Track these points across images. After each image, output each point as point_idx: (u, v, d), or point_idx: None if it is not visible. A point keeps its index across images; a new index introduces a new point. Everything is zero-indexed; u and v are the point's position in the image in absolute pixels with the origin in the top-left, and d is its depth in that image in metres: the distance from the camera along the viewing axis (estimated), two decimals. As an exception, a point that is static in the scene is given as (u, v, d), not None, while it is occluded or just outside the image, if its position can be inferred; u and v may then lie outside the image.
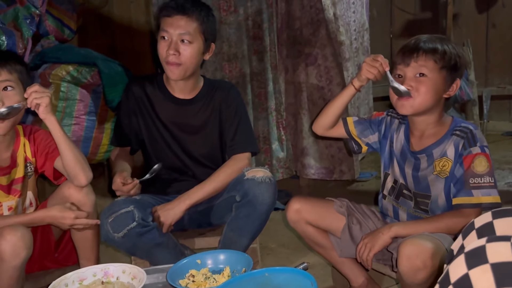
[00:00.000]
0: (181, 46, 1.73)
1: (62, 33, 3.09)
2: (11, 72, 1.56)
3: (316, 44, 2.73)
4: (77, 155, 1.60)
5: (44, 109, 1.52)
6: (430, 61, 1.46)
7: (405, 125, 1.61)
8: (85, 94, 2.70)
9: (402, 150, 1.59)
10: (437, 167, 1.50)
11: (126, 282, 1.31)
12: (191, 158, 1.86)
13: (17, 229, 1.40)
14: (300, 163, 2.89)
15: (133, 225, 1.59)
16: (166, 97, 1.86)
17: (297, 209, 1.65)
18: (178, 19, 1.73)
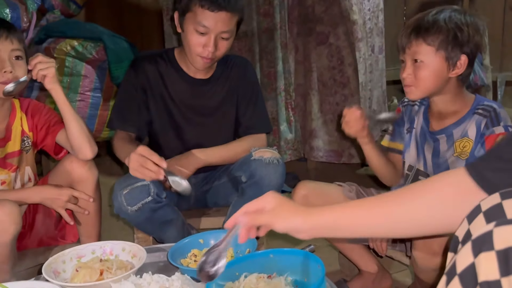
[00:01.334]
0: (219, 42, 1.60)
1: (68, 8, 3.03)
2: (20, 42, 1.53)
3: (328, 23, 2.64)
4: (83, 126, 1.57)
5: (51, 80, 1.49)
6: (422, 45, 1.36)
7: (425, 106, 1.53)
8: (90, 70, 2.65)
9: (422, 131, 1.51)
10: (458, 148, 1.42)
11: (125, 260, 1.27)
12: (203, 145, 1.74)
13: (3, 204, 1.35)
14: (308, 145, 2.83)
15: (148, 199, 1.54)
16: (181, 76, 1.73)
17: (304, 195, 1.57)
18: (222, 16, 1.56)
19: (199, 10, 1.55)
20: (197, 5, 1.55)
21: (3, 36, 1.48)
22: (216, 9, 1.54)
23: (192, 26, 1.57)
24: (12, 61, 1.50)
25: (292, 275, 1.13)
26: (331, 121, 2.78)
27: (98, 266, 1.19)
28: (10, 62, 1.48)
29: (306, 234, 0.92)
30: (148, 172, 1.46)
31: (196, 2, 1.55)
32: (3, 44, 1.48)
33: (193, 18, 1.57)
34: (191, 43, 1.60)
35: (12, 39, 1.50)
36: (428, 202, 0.84)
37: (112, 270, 1.18)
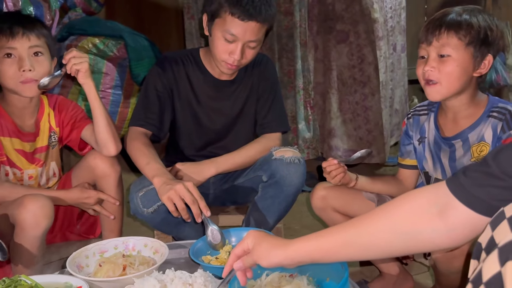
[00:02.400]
0: (246, 51, 1.57)
1: (89, 6, 3.06)
2: (39, 37, 1.53)
3: (348, 21, 2.62)
4: (110, 123, 1.59)
5: (84, 74, 1.51)
6: (453, 39, 1.32)
7: (434, 112, 1.49)
8: (111, 68, 2.67)
9: (435, 140, 1.47)
10: (475, 153, 1.38)
11: (147, 256, 1.28)
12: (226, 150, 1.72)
13: (38, 199, 1.38)
14: (327, 144, 2.82)
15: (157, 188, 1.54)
16: (206, 77, 1.72)
17: (323, 196, 1.56)
18: (252, 26, 1.52)
19: (228, 17, 1.52)
20: (227, 12, 1.52)
21: (19, 34, 1.48)
22: (246, 18, 1.51)
23: (220, 33, 1.55)
24: (32, 58, 1.50)
25: (314, 275, 1.12)
26: (350, 120, 2.76)
27: (121, 262, 1.20)
28: (29, 60, 1.49)
29: (292, 265, 0.93)
30: (185, 214, 1.41)
31: (226, 9, 1.52)
32: (20, 42, 1.48)
33: (222, 25, 1.54)
34: (217, 49, 1.58)
35: (29, 36, 1.50)
36: (393, 222, 0.82)
37: (135, 265, 1.19)
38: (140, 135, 1.64)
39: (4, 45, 1.48)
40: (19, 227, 1.38)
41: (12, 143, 1.57)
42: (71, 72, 1.49)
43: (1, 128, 1.55)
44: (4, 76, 1.50)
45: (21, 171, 1.60)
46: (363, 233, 0.85)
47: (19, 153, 1.59)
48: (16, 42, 1.48)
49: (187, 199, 1.38)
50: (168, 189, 1.41)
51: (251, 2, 1.50)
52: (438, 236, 0.78)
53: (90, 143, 1.66)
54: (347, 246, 0.86)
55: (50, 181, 1.69)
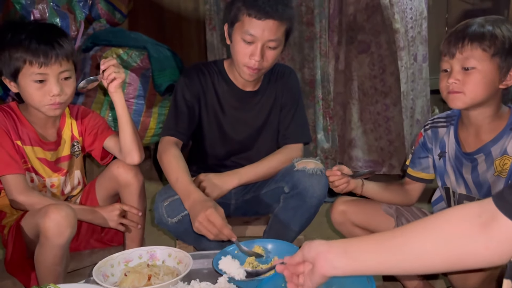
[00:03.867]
0: (266, 52, 1.58)
1: (113, 17, 3.12)
2: (69, 59, 1.55)
3: (370, 31, 2.62)
4: (135, 132, 1.62)
5: (118, 84, 1.53)
6: (477, 50, 1.28)
7: (454, 126, 1.45)
8: (135, 78, 2.71)
9: (456, 155, 1.43)
10: (498, 167, 1.33)
11: (172, 266, 1.28)
12: (249, 160, 1.73)
13: (61, 208, 1.40)
14: (347, 154, 2.80)
15: (188, 212, 1.56)
16: (231, 88, 1.73)
17: (342, 210, 1.55)
18: (270, 24, 1.54)
19: (246, 19, 1.55)
20: (245, 14, 1.55)
21: (52, 60, 1.49)
22: (263, 17, 1.53)
23: (239, 36, 1.58)
24: (61, 82, 1.53)
25: (338, 288, 1.11)
26: (371, 130, 2.75)
27: (146, 271, 1.21)
28: (59, 85, 1.51)
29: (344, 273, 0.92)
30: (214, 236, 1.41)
31: (244, 11, 1.56)
32: (51, 68, 1.49)
33: (240, 28, 1.57)
34: (238, 53, 1.60)
35: (61, 61, 1.51)
36: (435, 238, 0.80)
37: (160, 275, 1.20)
38: (171, 146, 1.65)
39: (35, 71, 1.48)
40: (43, 236, 1.40)
41: (34, 152, 1.60)
42: (108, 78, 1.51)
43: (23, 137, 1.58)
44: (31, 98, 1.52)
45: (44, 179, 1.63)
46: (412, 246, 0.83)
47: (42, 161, 1.62)
48: (48, 69, 1.49)
49: (212, 231, 1.39)
50: (193, 220, 1.43)
51: (267, 1, 1.53)
52: (478, 247, 0.76)
53: (114, 153, 1.68)
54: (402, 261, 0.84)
55: (74, 189, 1.72)
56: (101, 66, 1.51)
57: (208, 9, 2.89)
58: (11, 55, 1.49)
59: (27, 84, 1.50)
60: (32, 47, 1.48)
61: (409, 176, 1.58)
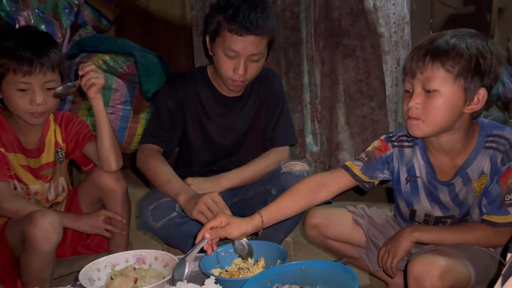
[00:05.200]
0: (249, 65, 1.59)
1: (100, 23, 3.12)
2: (54, 70, 1.54)
3: (354, 36, 2.65)
4: (114, 139, 1.61)
5: (97, 89, 1.52)
6: (439, 71, 1.17)
7: (419, 146, 1.36)
8: (121, 84, 2.71)
9: (430, 181, 1.35)
10: (477, 188, 1.29)
11: (158, 269, 1.28)
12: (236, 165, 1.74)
13: (47, 214, 1.40)
14: (334, 158, 2.82)
15: (173, 215, 1.57)
16: (215, 95, 1.74)
17: (314, 225, 1.53)
18: (251, 40, 1.54)
19: (227, 35, 1.55)
20: (226, 30, 1.55)
21: (36, 70, 1.48)
22: (245, 33, 1.53)
23: (222, 51, 1.58)
24: (45, 91, 1.52)
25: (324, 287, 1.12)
26: (358, 134, 2.77)
27: (133, 274, 1.21)
28: (42, 93, 1.50)
29: None
30: None
31: (224, 27, 1.55)
32: (35, 78, 1.48)
33: (222, 43, 1.57)
34: (222, 67, 1.61)
35: (46, 72, 1.50)
36: None
37: (146, 278, 1.20)
38: (154, 152, 1.66)
39: (19, 80, 1.48)
40: (28, 243, 1.39)
41: (17, 159, 1.59)
42: (86, 84, 1.50)
43: (6, 144, 1.57)
44: (14, 106, 1.52)
45: (27, 186, 1.61)
46: None
47: (25, 168, 1.61)
48: (32, 78, 1.48)
49: (214, 209, 1.44)
50: (194, 204, 1.45)
51: (247, 16, 1.52)
52: None
53: (93, 159, 1.67)
54: None
55: (59, 196, 1.71)
56: (79, 72, 1.51)
57: (195, 15, 2.90)
58: None
59: (10, 92, 1.50)
60: (17, 55, 1.47)
61: (348, 170, 1.44)
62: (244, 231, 1.31)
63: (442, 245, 1.30)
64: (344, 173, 1.44)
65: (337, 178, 1.44)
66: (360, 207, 1.58)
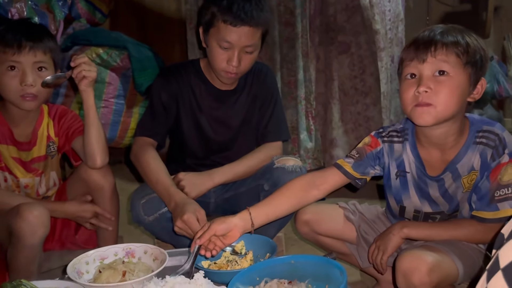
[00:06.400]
0: (243, 57, 1.58)
1: (94, 17, 3.10)
2: (46, 52, 1.53)
3: (350, 32, 2.64)
4: (102, 135, 1.58)
5: (88, 82, 1.50)
6: (452, 55, 1.19)
7: (409, 141, 1.36)
8: (115, 77, 2.70)
9: (419, 176, 1.35)
10: (466, 184, 1.29)
11: (147, 263, 1.28)
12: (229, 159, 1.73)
13: (34, 208, 1.38)
14: (328, 154, 2.82)
15: (165, 209, 1.56)
16: (208, 88, 1.73)
17: (305, 221, 1.52)
18: (245, 31, 1.53)
19: (222, 25, 1.54)
20: (220, 20, 1.54)
21: (26, 49, 1.48)
22: (239, 24, 1.53)
23: (215, 42, 1.57)
24: (35, 72, 1.51)
25: (313, 282, 1.12)
26: (352, 130, 2.77)
27: (121, 268, 1.20)
28: (32, 75, 1.49)
29: None
30: None
31: (219, 17, 1.55)
32: (25, 56, 1.48)
33: (216, 34, 1.57)
34: (215, 58, 1.60)
35: (36, 51, 1.49)
36: None
37: (135, 272, 1.19)
38: (148, 147, 1.65)
39: (9, 58, 1.48)
40: (15, 236, 1.38)
41: (9, 151, 1.57)
42: (77, 76, 1.48)
43: None
44: (5, 88, 1.51)
45: (18, 179, 1.60)
46: None
47: (16, 161, 1.59)
48: (21, 56, 1.48)
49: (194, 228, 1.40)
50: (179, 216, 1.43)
51: (242, 7, 1.52)
52: None
53: (79, 154, 1.65)
54: None
55: (50, 190, 1.69)
56: (71, 63, 1.49)
57: (189, 9, 2.89)
58: None
59: (1, 72, 1.49)
60: (8, 37, 1.48)
61: (340, 168, 1.43)
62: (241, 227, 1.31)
63: (431, 241, 1.29)
64: (336, 171, 1.43)
65: (329, 176, 1.44)
66: (351, 203, 1.57)
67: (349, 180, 1.45)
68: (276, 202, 1.40)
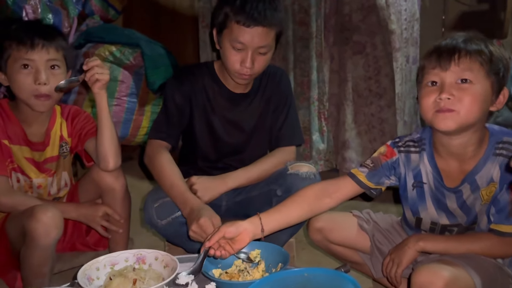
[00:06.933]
0: (256, 58, 1.56)
1: (107, 13, 3.09)
2: (58, 50, 1.54)
3: (365, 32, 2.60)
4: (115, 137, 1.58)
5: (102, 85, 1.50)
6: (475, 64, 1.19)
7: (427, 151, 1.34)
8: (127, 75, 2.69)
9: (436, 187, 1.33)
10: (485, 196, 1.27)
11: (158, 270, 1.27)
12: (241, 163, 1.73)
13: (48, 209, 1.39)
14: (340, 156, 2.79)
15: (178, 214, 1.56)
16: (222, 90, 1.72)
17: (318, 229, 1.51)
18: (259, 31, 1.52)
19: (235, 26, 1.53)
20: (233, 21, 1.53)
21: (38, 46, 1.49)
22: (252, 24, 1.51)
23: (229, 43, 1.56)
24: (48, 71, 1.51)
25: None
26: (365, 132, 2.73)
27: (132, 275, 1.19)
28: (45, 73, 1.50)
29: None
30: None
31: (231, 18, 1.53)
32: (38, 54, 1.49)
33: (229, 35, 1.55)
34: (228, 60, 1.58)
35: (49, 49, 1.51)
36: None
37: (145, 280, 1.18)
38: (162, 150, 1.64)
39: (22, 56, 1.49)
40: (29, 237, 1.39)
41: (21, 151, 1.58)
42: (90, 80, 1.49)
43: (11, 135, 1.56)
44: (19, 87, 1.51)
45: (30, 180, 1.60)
46: None
47: (29, 161, 1.59)
48: (35, 54, 1.49)
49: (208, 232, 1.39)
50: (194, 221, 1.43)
51: (255, 7, 1.50)
52: None
53: (92, 156, 1.65)
54: None
55: (61, 191, 1.70)
56: (84, 67, 1.49)
57: (202, 6, 2.86)
58: (1, 44, 1.51)
59: (15, 71, 1.50)
60: (21, 35, 1.50)
61: (353, 176, 1.41)
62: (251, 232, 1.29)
63: (447, 255, 1.27)
64: (349, 180, 1.42)
65: (342, 185, 1.42)
66: (365, 212, 1.55)
67: (362, 190, 1.42)
68: (288, 209, 1.39)
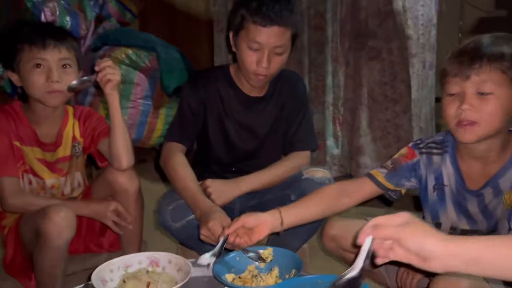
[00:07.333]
0: (273, 58, 1.57)
1: (124, 16, 3.13)
2: (69, 50, 1.56)
3: (381, 37, 2.59)
4: (127, 137, 1.59)
5: (113, 86, 1.52)
6: (496, 72, 1.14)
7: (450, 155, 1.32)
8: (143, 78, 2.71)
9: (458, 190, 1.30)
10: (508, 201, 1.23)
11: (171, 273, 1.26)
12: (254, 167, 1.72)
13: (61, 209, 1.39)
14: (355, 161, 2.77)
15: (192, 217, 1.56)
16: (237, 94, 1.72)
17: (332, 236, 1.47)
18: (275, 31, 1.53)
19: (251, 26, 1.54)
20: (249, 21, 1.54)
21: (50, 46, 1.51)
22: (268, 23, 1.52)
23: (245, 44, 1.56)
24: (60, 70, 1.53)
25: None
26: (380, 138, 2.71)
27: (145, 279, 1.19)
28: (57, 72, 1.52)
29: (439, 261, 0.78)
30: None
31: (248, 19, 1.54)
32: (50, 53, 1.51)
33: (246, 36, 1.56)
34: (245, 61, 1.58)
35: (60, 48, 1.53)
36: None
37: (159, 284, 1.18)
38: (176, 153, 1.65)
39: (35, 56, 1.51)
40: (42, 237, 1.39)
41: (33, 152, 1.59)
42: (102, 80, 1.50)
43: (23, 137, 1.57)
44: (32, 86, 1.53)
45: (43, 180, 1.61)
46: None
47: (41, 162, 1.60)
48: (47, 53, 1.51)
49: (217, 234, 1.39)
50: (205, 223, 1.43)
51: (272, 7, 1.52)
52: None
53: (106, 156, 1.65)
54: None
55: (75, 191, 1.70)
56: (96, 68, 1.51)
57: (217, 11, 2.88)
58: (14, 46, 1.53)
59: (28, 70, 1.52)
60: (32, 37, 1.52)
61: (372, 178, 1.39)
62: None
63: None
64: (368, 181, 1.40)
65: (360, 185, 1.40)
66: None
67: (381, 191, 1.40)
68: (307, 205, 1.38)
